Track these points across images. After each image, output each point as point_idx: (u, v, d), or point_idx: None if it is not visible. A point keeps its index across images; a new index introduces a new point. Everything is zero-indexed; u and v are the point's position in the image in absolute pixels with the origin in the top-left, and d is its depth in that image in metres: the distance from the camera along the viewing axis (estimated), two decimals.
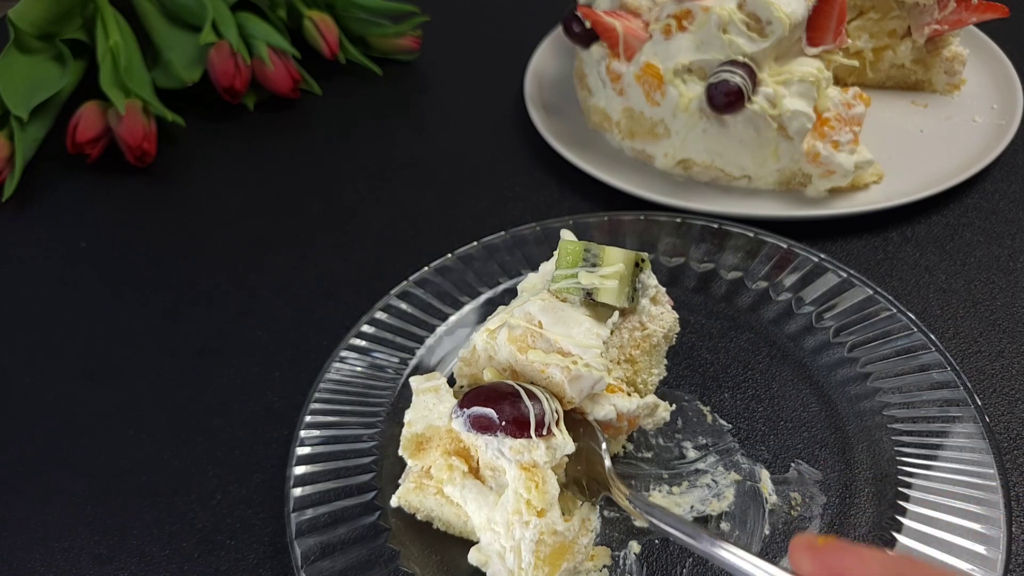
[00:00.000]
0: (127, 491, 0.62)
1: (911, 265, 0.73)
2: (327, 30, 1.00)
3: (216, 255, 0.81)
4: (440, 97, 1.00)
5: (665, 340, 0.58)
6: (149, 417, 0.67)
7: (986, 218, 0.76)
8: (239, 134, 0.96)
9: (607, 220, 0.72)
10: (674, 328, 0.58)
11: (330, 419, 0.60)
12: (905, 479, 0.54)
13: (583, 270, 0.54)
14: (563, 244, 0.56)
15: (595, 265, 0.55)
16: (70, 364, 0.72)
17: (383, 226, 0.82)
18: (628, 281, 0.55)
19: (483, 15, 1.14)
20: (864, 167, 0.76)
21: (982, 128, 0.84)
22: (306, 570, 0.51)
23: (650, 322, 0.56)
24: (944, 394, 0.57)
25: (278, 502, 0.59)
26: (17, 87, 0.90)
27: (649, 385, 0.58)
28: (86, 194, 0.89)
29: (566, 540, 0.49)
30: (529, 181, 0.85)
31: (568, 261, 0.55)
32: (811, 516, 0.54)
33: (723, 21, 0.73)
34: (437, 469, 0.51)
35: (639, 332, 0.56)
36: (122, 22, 0.97)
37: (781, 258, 0.68)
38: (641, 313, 0.56)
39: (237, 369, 0.69)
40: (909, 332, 0.61)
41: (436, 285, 0.69)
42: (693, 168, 0.80)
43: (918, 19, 0.85)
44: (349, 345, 0.64)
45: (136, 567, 0.57)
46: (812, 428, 0.59)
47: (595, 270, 0.54)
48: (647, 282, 0.56)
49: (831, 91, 0.74)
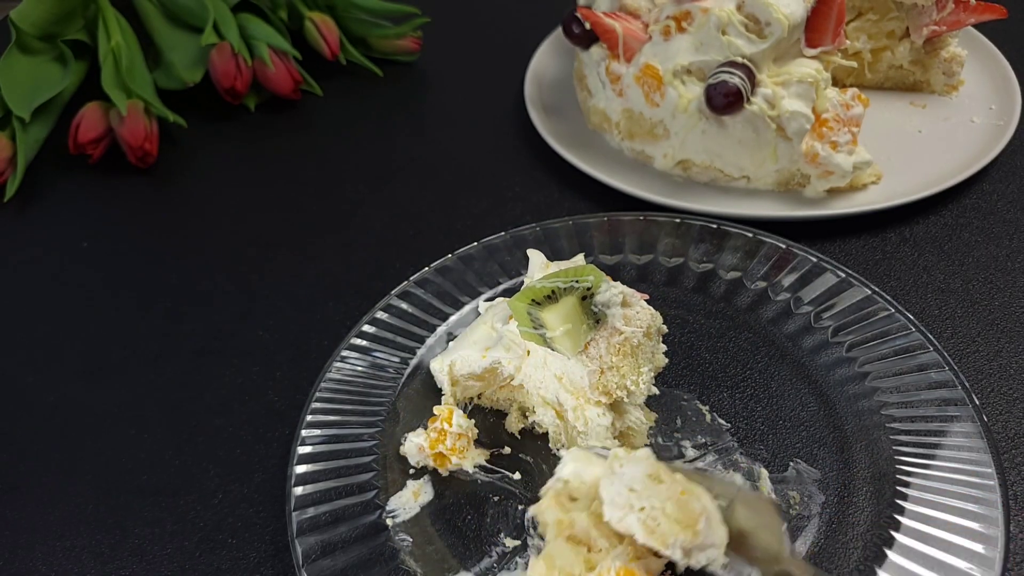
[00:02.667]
0: (128, 490, 0.62)
1: (909, 265, 0.73)
2: (328, 31, 1.01)
3: (217, 255, 0.81)
4: (440, 98, 1.00)
5: (648, 336, 0.59)
6: (150, 417, 0.67)
7: (984, 218, 0.77)
8: (240, 135, 0.96)
9: (607, 220, 0.73)
10: (655, 321, 0.59)
11: (331, 418, 0.60)
12: (903, 478, 0.54)
13: (534, 330, 0.57)
14: (511, 305, 0.58)
15: (541, 326, 0.57)
16: (72, 364, 0.72)
17: (384, 226, 0.82)
18: (580, 319, 0.57)
19: (483, 16, 1.15)
20: (862, 167, 0.76)
21: (980, 129, 0.84)
22: (307, 569, 0.52)
23: (625, 325, 0.57)
24: (942, 393, 0.57)
25: (279, 501, 0.60)
26: (19, 88, 0.90)
27: (641, 384, 0.58)
28: (88, 194, 0.90)
29: None
30: (529, 181, 0.86)
31: (522, 319, 0.57)
32: (810, 515, 0.54)
33: (722, 22, 0.74)
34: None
35: (616, 338, 0.57)
36: (123, 23, 0.97)
37: (780, 258, 0.68)
38: (613, 319, 0.57)
39: (238, 369, 0.70)
40: (907, 332, 0.61)
41: (436, 285, 0.69)
42: (692, 169, 0.81)
43: (916, 20, 0.85)
44: (350, 345, 0.65)
45: (137, 566, 0.57)
46: (810, 427, 0.59)
47: (542, 330, 0.57)
48: (608, 297, 0.57)
49: (830, 92, 0.75)
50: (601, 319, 0.58)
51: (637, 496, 0.45)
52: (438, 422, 0.58)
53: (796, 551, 0.51)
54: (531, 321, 0.57)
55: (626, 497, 0.45)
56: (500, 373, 0.59)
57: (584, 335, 0.57)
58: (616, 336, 0.57)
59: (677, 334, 0.67)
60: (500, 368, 0.59)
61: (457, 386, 0.62)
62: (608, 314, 0.58)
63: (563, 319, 0.57)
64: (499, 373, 0.59)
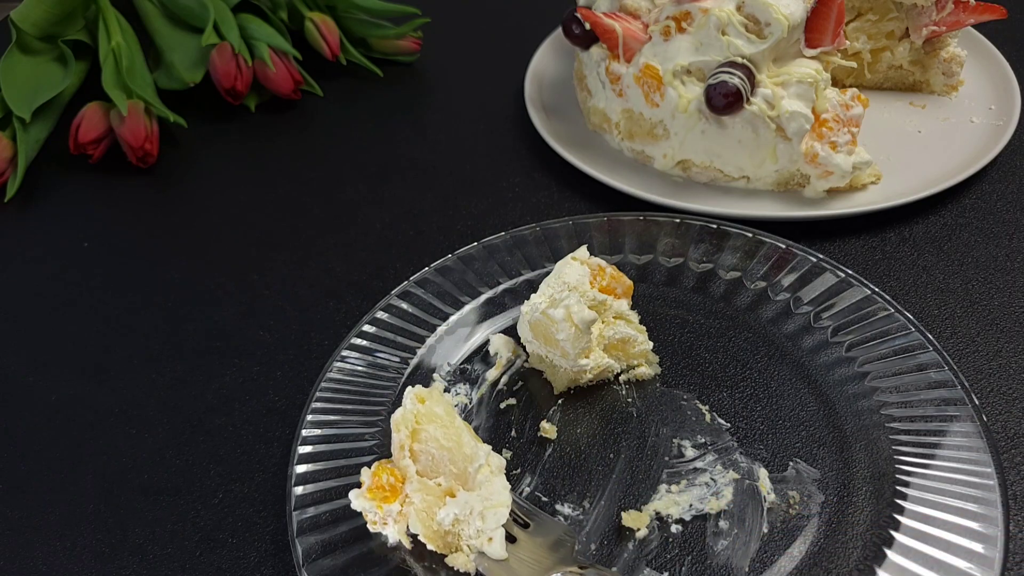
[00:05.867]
0: (129, 490, 0.62)
1: (909, 265, 0.73)
2: (328, 32, 1.01)
3: (218, 255, 0.81)
4: (441, 98, 1.01)
5: (623, 320, 0.63)
6: (151, 416, 0.67)
7: (983, 218, 0.77)
8: (241, 135, 0.97)
9: (606, 221, 0.73)
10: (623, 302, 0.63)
11: (332, 418, 0.60)
12: (903, 477, 0.54)
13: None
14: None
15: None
16: (72, 363, 0.72)
17: (384, 226, 0.82)
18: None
19: (483, 17, 1.15)
20: (862, 168, 0.76)
21: (980, 129, 0.84)
22: (307, 568, 0.52)
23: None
24: (942, 393, 0.57)
25: (280, 500, 0.60)
26: (19, 88, 0.90)
27: (642, 341, 0.63)
28: (88, 195, 0.90)
29: None
30: (529, 182, 0.86)
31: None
32: (809, 515, 0.54)
33: (722, 23, 0.74)
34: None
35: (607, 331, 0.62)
36: (124, 23, 0.97)
37: (779, 258, 0.68)
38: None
39: (239, 368, 0.70)
40: (907, 331, 0.61)
41: (437, 285, 0.70)
42: (692, 169, 0.81)
43: (916, 21, 0.86)
44: (350, 344, 0.65)
45: (138, 565, 0.57)
46: (810, 427, 0.59)
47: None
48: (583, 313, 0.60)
49: (829, 92, 0.75)
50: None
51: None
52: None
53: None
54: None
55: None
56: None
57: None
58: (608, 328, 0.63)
59: (677, 334, 0.67)
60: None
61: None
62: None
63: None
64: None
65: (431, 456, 0.53)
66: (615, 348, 0.62)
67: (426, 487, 0.52)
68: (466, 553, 0.51)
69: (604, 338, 0.62)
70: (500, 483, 0.51)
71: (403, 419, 0.53)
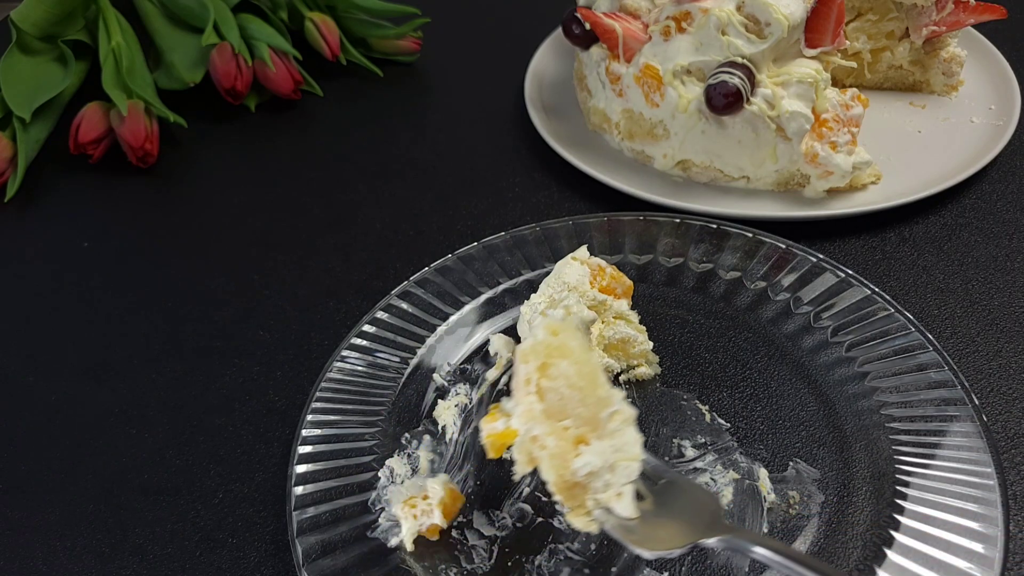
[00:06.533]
0: (129, 490, 0.62)
1: (909, 265, 0.73)
2: (328, 32, 1.01)
3: (218, 255, 0.81)
4: (441, 98, 1.01)
5: (623, 320, 0.62)
6: (151, 416, 0.67)
7: (983, 218, 0.77)
8: (241, 135, 0.97)
9: (606, 220, 0.73)
10: (624, 302, 0.62)
11: (331, 418, 0.60)
12: (903, 477, 0.54)
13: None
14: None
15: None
16: (72, 364, 0.72)
17: (384, 226, 0.82)
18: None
19: (483, 17, 1.15)
20: (862, 168, 0.76)
21: (980, 129, 0.84)
22: (307, 568, 0.52)
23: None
24: (941, 393, 0.57)
25: (279, 500, 0.60)
26: (19, 88, 0.90)
27: (642, 341, 0.63)
28: (88, 195, 0.90)
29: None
30: (529, 182, 0.86)
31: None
32: (809, 514, 0.54)
33: (722, 23, 0.74)
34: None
35: (607, 332, 0.62)
36: (124, 23, 0.97)
37: (779, 258, 0.68)
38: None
39: (239, 368, 0.70)
40: (907, 332, 0.61)
41: (437, 285, 0.70)
42: (692, 169, 0.81)
43: (916, 21, 0.86)
44: (350, 344, 0.65)
45: (138, 565, 0.57)
46: (810, 427, 0.59)
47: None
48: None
49: (829, 92, 0.75)
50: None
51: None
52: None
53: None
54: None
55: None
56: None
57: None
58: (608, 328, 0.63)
59: (677, 334, 0.67)
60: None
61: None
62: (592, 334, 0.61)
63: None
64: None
65: (560, 395, 0.45)
66: (615, 348, 0.62)
67: (557, 430, 0.46)
68: (589, 509, 0.46)
69: (604, 338, 0.61)
70: (632, 434, 0.45)
71: (533, 350, 0.46)
